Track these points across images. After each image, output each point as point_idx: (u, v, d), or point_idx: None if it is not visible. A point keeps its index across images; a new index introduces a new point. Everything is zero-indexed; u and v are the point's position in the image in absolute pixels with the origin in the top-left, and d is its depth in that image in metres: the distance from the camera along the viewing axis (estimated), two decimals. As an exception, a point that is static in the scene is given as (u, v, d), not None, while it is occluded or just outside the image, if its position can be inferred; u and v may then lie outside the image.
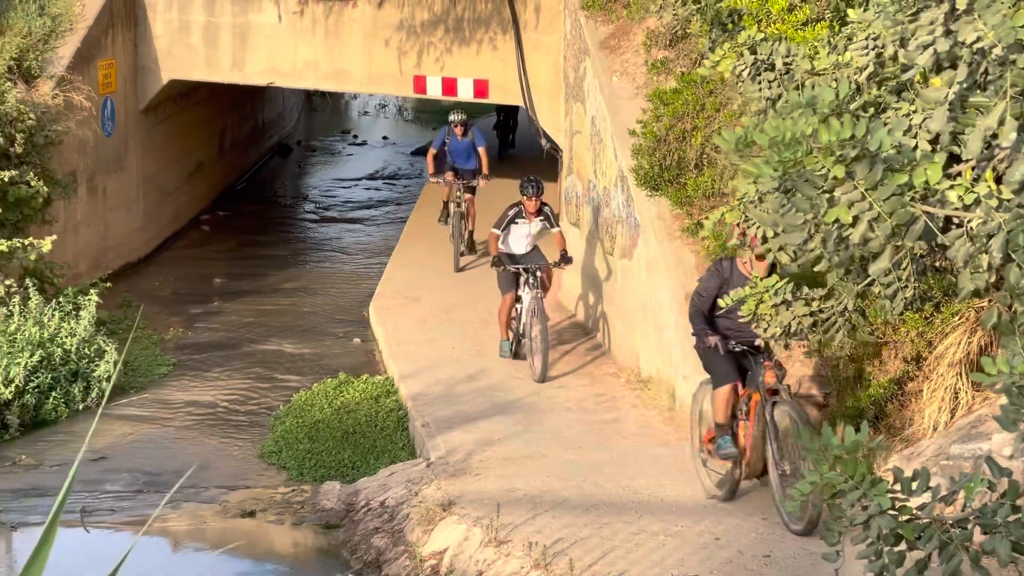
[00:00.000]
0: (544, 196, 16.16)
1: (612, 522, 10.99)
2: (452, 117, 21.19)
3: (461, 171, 20.97)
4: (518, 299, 16.03)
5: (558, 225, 16.27)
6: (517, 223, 16.10)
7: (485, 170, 20.69)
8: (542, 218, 16.07)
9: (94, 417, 15.39)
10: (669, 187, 14.88)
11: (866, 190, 4.54)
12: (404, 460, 13.89)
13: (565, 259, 15.92)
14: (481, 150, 20.83)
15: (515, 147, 29.10)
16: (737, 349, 10.93)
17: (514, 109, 29.46)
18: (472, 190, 20.74)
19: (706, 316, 11.10)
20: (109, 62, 20.65)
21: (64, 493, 4.03)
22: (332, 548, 12.41)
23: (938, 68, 5.03)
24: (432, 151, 21.31)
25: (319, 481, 13.80)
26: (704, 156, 14.85)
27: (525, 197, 15.96)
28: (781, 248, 6.69)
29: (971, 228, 4.69)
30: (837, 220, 4.61)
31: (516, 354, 16.20)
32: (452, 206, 20.74)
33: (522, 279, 15.90)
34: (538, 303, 15.53)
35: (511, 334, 16.24)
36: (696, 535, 10.60)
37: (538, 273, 15.77)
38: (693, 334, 11.30)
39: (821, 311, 7.17)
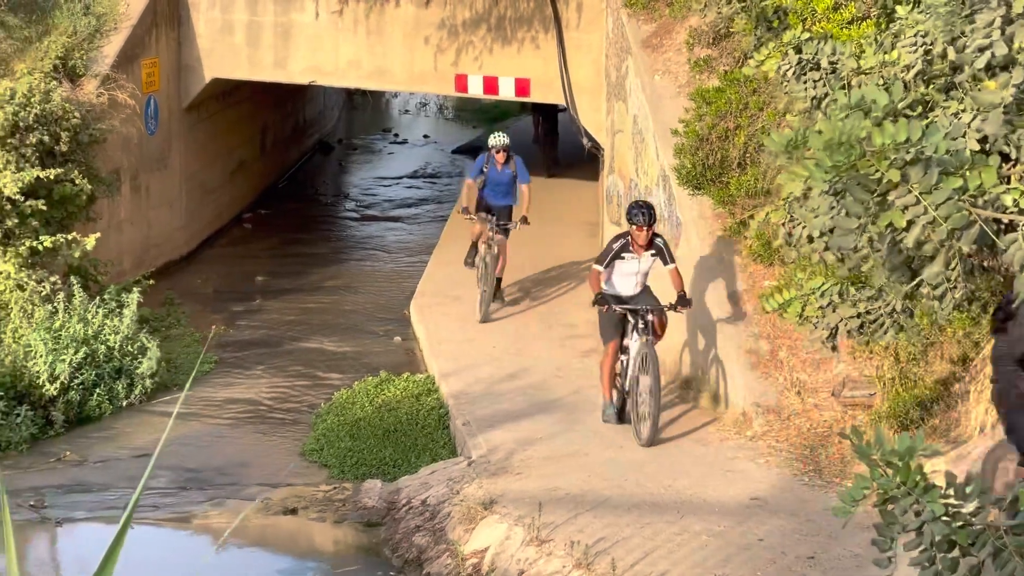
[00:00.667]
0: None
1: (654, 522, 10.96)
2: (493, 141, 18.13)
3: (496, 209, 18.07)
4: (623, 349, 13.59)
5: (673, 260, 13.51)
6: (624, 258, 13.49)
7: (526, 211, 17.84)
8: (654, 252, 13.48)
9: (139, 414, 15.51)
10: (711, 186, 14.83)
11: (921, 194, 4.51)
12: (445, 458, 13.91)
13: (683, 301, 13.26)
14: (524, 187, 18.00)
15: (560, 164, 27.43)
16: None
17: (554, 116, 29.12)
18: (506, 231, 18.00)
19: None
20: (153, 61, 20.76)
21: (137, 494, 4.06)
22: (373, 546, 12.44)
23: (988, 69, 4.99)
24: (469, 181, 18.33)
25: (360, 479, 13.83)
26: (747, 155, 14.80)
27: (634, 226, 13.28)
28: (827, 248, 6.66)
29: (1026, 232, 4.66)
30: (891, 224, 4.58)
31: (621, 417, 13.72)
32: (483, 247, 17.98)
33: (630, 324, 13.44)
34: (650, 350, 13.05)
35: (615, 393, 13.71)
36: (739, 536, 10.57)
37: (650, 317, 13.22)
38: None
39: (868, 312, 7.14)
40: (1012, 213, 4.68)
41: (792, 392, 12.89)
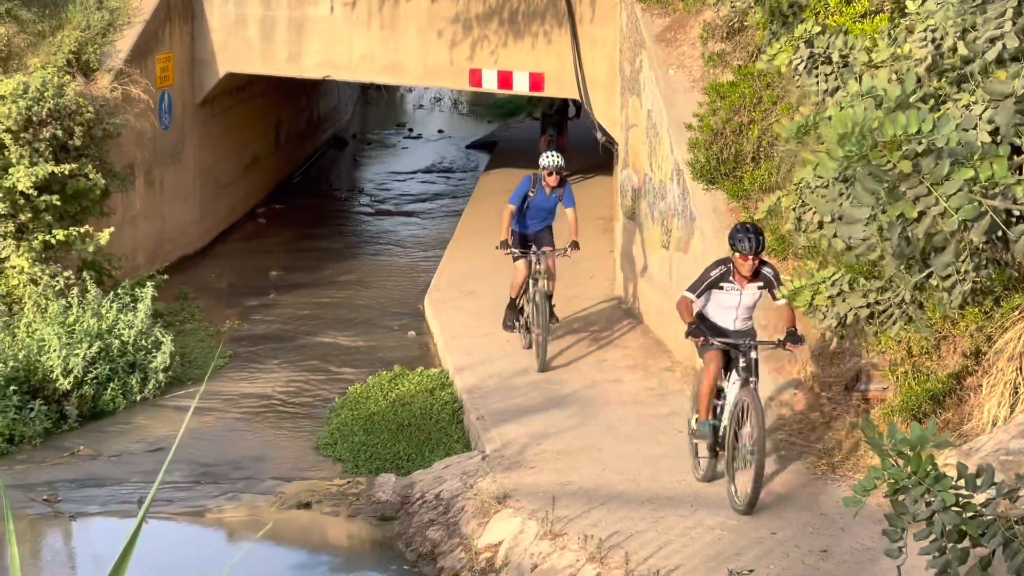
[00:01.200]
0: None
1: (668, 516, 10.96)
2: (545, 161, 15.88)
3: (534, 236, 16.22)
4: (719, 391, 11.65)
5: (781, 286, 10.41)
6: (722, 288, 11.46)
7: (575, 235, 15.82)
8: (761, 284, 11.42)
9: (153, 408, 15.56)
10: (725, 180, 14.81)
11: (932, 185, 4.49)
12: (459, 453, 13.91)
13: (794, 338, 11.27)
14: (571, 212, 15.97)
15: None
16: None
17: (564, 111, 28.85)
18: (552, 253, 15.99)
19: None
20: (167, 55, 20.79)
21: (153, 492, 4.09)
22: (387, 540, 12.45)
23: (999, 60, 4.98)
24: (511, 207, 16.00)
25: (374, 473, 13.85)
26: (761, 149, 14.77)
27: (738, 254, 11.22)
28: (835, 235, 6.65)
29: (1037, 223, 4.65)
30: (901, 215, 4.57)
31: (715, 449, 11.71)
32: (530, 284, 15.98)
33: (735, 362, 11.34)
34: (752, 399, 11.02)
35: (711, 415, 11.71)
36: (752, 529, 10.56)
37: (753, 355, 11.23)
38: None
39: (878, 303, 7.12)
40: (1022, 204, 4.67)
41: (806, 386, 12.87)
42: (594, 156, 21.50)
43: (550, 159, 15.81)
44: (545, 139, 27.01)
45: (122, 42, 19.77)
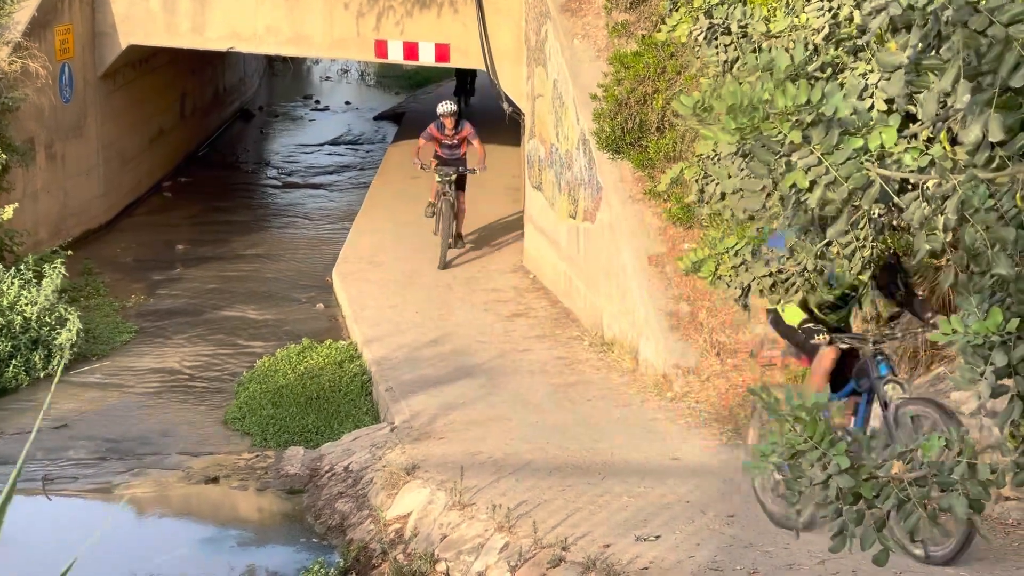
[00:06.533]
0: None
1: (576, 484, 11.04)
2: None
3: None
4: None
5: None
6: None
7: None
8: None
9: (57, 385, 15.35)
10: (631, 150, 14.90)
11: (822, 154, 4.56)
12: (368, 425, 13.91)
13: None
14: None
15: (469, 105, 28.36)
16: None
17: (471, 73, 29.10)
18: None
19: None
20: (66, 27, 20.48)
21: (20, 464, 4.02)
22: (296, 513, 12.43)
23: (893, 30, 5.05)
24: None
25: (283, 447, 13.81)
26: (665, 119, 14.87)
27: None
28: (751, 218, 6.73)
29: (926, 190, 4.74)
30: (795, 185, 4.64)
31: None
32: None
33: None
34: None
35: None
36: (659, 496, 10.66)
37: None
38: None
39: (780, 272, 7.22)
40: (911, 172, 4.76)
41: (712, 354, 13.01)
42: (501, 126, 21.50)
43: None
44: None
45: (20, 14, 19.42)
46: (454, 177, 18.94)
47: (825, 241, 6.36)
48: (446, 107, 19.12)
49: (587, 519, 10.28)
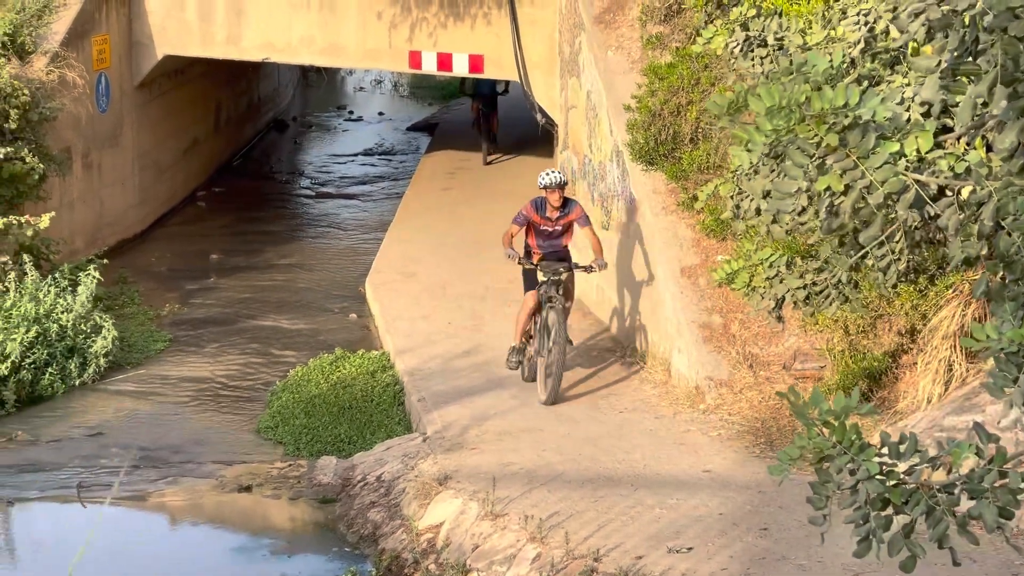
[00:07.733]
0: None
1: (608, 495, 11.01)
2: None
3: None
4: None
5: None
6: None
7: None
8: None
9: (92, 393, 15.43)
10: (664, 161, 14.88)
11: (858, 158, 4.54)
12: (400, 435, 13.91)
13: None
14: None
15: (497, 142, 26.47)
16: None
17: (493, 95, 27.66)
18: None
19: None
20: (103, 38, 20.60)
21: None
22: (328, 522, 12.44)
23: (930, 37, 5.04)
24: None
25: (315, 456, 13.82)
26: (699, 131, 14.85)
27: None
28: (775, 220, 6.71)
29: (962, 197, 4.71)
30: (829, 188, 4.62)
31: None
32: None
33: None
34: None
35: None
36: (691, 508, 10.63)
37: None
38: None
39: (815, 283, 7.19)
40: (947, 178, 4.73)
41: (744, 366, 12.96)
42: (531, 135, 21.49)
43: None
44: (474, 106, 26.92)
45: (58, 24, 19.56)
46: (564, 276, 13.75)
47: (860, 253, 6.34)
48: (551, 177, 13.62)
49: (619, 530, 10.26)
